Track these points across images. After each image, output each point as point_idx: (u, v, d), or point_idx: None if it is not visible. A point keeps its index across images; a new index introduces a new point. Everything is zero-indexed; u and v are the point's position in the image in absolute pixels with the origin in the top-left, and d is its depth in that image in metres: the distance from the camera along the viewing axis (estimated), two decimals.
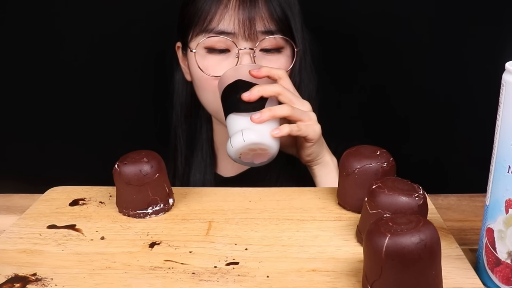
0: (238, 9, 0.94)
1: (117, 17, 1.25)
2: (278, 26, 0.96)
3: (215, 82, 0.96)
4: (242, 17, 0.93)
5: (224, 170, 1.13)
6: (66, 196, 0.80)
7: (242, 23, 0.93)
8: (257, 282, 0.59)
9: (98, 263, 0.63)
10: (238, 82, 0.89)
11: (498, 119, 0.56)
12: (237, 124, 0.86)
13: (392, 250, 0.51)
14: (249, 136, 0.83)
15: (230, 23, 0.94)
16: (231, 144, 0.84)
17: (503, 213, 0.57)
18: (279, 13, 0.96)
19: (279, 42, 0.97)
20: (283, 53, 0.99)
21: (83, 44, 1.26)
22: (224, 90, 0.90)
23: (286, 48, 0.99)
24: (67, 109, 1.29)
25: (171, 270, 0.61)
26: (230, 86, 0.90)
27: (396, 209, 0.61)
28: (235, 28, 0.94)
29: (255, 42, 0.95)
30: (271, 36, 0.95)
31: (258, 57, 0.96)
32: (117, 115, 1.29)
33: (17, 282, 0.59)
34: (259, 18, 0.94)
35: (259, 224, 0.71)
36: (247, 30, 0.94)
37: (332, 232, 0.69)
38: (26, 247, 0.67)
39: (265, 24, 0.95)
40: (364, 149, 0.74)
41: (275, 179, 1.04)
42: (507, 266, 0.58)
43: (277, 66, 0.97)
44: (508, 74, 0.55)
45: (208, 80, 0.97)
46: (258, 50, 0.96)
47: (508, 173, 0.56)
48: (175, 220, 0.72)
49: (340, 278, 0.59)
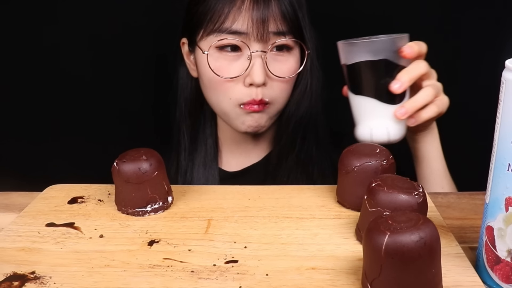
0: (252, 9, 0.93)
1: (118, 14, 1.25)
2: (289, 27, 0.96)
3: (227, 84, 0.96)
4: (255, 17, 0.93)
5: (228, 165, 1.13)
6: (64, 194, 0.80)
7: (255, 24, 0.93)
8: (256, 280, 0.59)
9: (97, 261, 0.63)
10: (381, 62, 0.82)
11: (498, 117, 0.56)
12: (374, 112, 0.82)
13: (391, 248, 0.51)
14: (394, 134, 0.82)
15: (244, 23, 0.94)
16: (370, 134, 0.82)
17: (503, 211, 0.57)
18: (291, 13, 0.96)
19: (290, 42, 0.98)
20: (292, 53, 0.99)
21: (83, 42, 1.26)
22: (357, 66, 0.83)
23: (295, 48, 1.00)
24: (67, 107, 1.29)
25: (170, 268, 0.61)
26: (369, 65, 0.82)
27: (395, 207, 0.61)
28: (248, 29, 0.94)
29: (267, 42, 0.95)
30: (283, 39, 0.96)
31: (269, 57, 0.96)
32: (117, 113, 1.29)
33: (15, 280, 0.59)
34: (272, 19, 0.94)
35: (258, 222, 0.71)
36: (260, 30, 0.93)
37: (332, 230, 0.69)
38: (25, 245, 0.67)
39: (277, 25, 0.95)
40: (363, 147, 0.74)
41: (286, 177, 1.05)
42: (507, 264, 0.58)
43: (286, 67, 0.98)
44: (508, 71, 0.55)
45: (220, 81, 0.97)
46: (269, 51, 0.96)
47: (508, 171, 0.56)
48: (174, 218, 0.72)
49: (340, 276, 0.59)
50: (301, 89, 1.03)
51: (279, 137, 1.06)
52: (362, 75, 0.83)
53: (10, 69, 1.27)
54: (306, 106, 1.04)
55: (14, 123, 1.29)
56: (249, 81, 0.95)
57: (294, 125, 1.04)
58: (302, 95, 1.03)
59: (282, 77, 0.97)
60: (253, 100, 0.96)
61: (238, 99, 0.97)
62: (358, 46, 0.83)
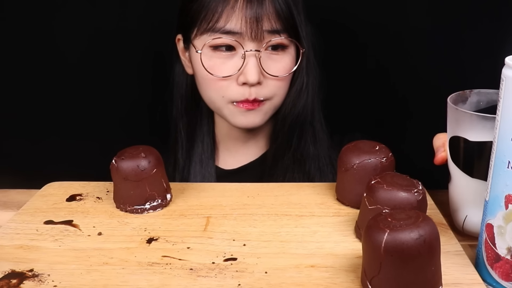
0: (245, 8, 0.93)
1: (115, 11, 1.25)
2: (284, 25, 0.96)
3: (220, 82, 0.96)
4: (249, 16, 0.93)
5: (225, 163, 1.13)
6: (63, 191, 0.80)
7: (249, 23, 0.93)
8: (255, 278, 0.59)
9: (96, 259, 0.63)
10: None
11: (498, 113, 0.56)
12: (481, 197, 0.64)
13: (391, 246, 0.51)
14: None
15: (237, 22, 0.93)
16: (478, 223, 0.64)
17: (503, 209, 0.57)
18: (285, 11, 0.95)
19: (284, 41, 0.97)
20: (287, 52, 0.99)
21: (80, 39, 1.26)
22: (485, 145, 0.66)
23: (290, 47, 0.99)
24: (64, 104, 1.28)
25: (169, 266, 0.61)
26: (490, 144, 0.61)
27: (395, 204, 0.61)
28: (242, 28, 0.93)
29: (261, 41, 0.94)
30: (278, 38, 0.95)
31: (263, 56, 0.96)
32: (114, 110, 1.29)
33: (14, 278, 0.59)
34: (266, 18, 0.94)
35: (257, 220, 0.71)
36: (254, 29, 0.93)
37: (331, 227, 0.69)
38: (23, 242, 0.67)
39: (271, 24, 0.94)
40: (363, 144, 0.74)
41: (283, 176, 1.04)
42: (506, 262, 0.58)
43: (281, 65, 0.97)
44: (508, 68, 0.55)
45: (214, 80, 0.97)
46: (263, 50, 0.95)
47: (508, 168, 0.56)
48: (173, 216, 0.72)
49: (339, 274, 0.59)
50: (297, 88, 1.02)
51: (276, 135, 1.06)
52: (485, 155, 0.65)
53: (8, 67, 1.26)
54: (302, 105, 1.03)
55: (13, 121, 1.29)
56: (242, 80, 0.95)
57: (290, 124, 1.03)
58: (298, 93, 1.02)
59: (276, 76, 0.97)
60: (246, 100, 0.96)
61: (231, 97, 0.97)
62: (491, 121, 0.61)
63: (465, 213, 0.71)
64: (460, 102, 0.71)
